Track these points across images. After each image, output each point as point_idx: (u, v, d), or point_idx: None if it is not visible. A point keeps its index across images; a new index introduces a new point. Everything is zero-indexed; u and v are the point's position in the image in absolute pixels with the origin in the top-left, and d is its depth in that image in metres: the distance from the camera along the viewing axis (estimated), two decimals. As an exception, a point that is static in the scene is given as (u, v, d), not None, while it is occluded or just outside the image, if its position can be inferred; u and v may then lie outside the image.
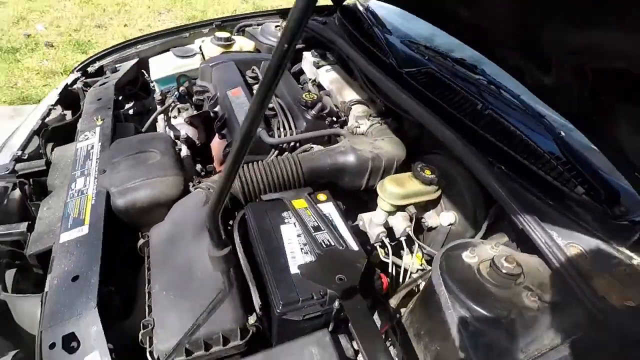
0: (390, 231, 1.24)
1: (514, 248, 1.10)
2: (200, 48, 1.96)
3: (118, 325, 0.94)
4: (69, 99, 1.73)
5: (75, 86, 1.78)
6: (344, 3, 2.12)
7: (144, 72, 1.94)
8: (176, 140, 1.54)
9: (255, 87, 1.58)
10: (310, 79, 1.81)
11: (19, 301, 0.96)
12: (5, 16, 4.73)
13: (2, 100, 3.49)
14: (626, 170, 0.84)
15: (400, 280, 1.18)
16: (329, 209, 1.07)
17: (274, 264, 0.90)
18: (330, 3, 2.17)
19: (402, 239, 1.21)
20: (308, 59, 1.83)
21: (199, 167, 1.59)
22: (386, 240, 1.16)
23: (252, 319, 0.87)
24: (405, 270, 1.19)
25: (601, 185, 0.97)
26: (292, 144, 1.32)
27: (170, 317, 0.83)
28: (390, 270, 1.17)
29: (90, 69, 1.92)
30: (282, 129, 1.35)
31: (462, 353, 0.80)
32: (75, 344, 0.82)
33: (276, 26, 2.02)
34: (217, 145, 1.54)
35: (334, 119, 1.47)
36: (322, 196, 1.11)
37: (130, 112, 1.90)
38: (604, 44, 0.61)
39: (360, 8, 2.00)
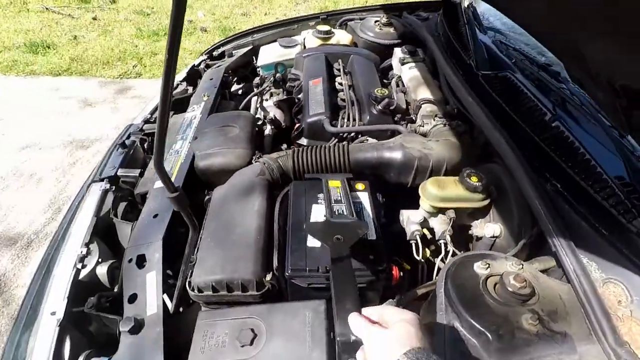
0: (433, 233, 1.25)
1: (557, 275, 1.01)
2: (303, 40, 2.16)
3: (180, 259, 1.20)
4: (193, 76, 2.11)
5: (200, 66, 2.16)
6: (452, -1, 2.07)
7: (254, 57, 2.23)
8: (264, 120, 1.77)
9: (338, 78, 1.70)
10: (396, 75, 1.84)
11: (122, 225, 1.29)
12: (177, 4, 5.73)
13: (161, 73, 4.31)
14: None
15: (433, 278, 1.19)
16: (363, 197, 1.15)
17: (295, 235, 1.03)
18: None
19: (441, 242, 1.21)
20: (397, 54, 1.86)
21: (284, 146, 1.79)
22: (419, 239, 1.18)
23: (269, 276, 1.02)
24: (438, 272, 1.20)
25: (665, 221, 0.83)
26: (352, 134, 1.41)
27: (206, 258, 1.03)
28: (419, 269, 1.19)
29: (215, 53, 2.29)
30: (347, 120, 1.45)
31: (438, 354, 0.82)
32: (144, 262, 1.10)
33: (375, 21, 2.08)
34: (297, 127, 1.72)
35: (403, 116, 1.50)
36: (360, 185, 1.18)
37: (240, 92, 2.22)
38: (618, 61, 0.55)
39: (465, 4, 1.93)
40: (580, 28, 0.66)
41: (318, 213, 1.09)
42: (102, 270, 1.17)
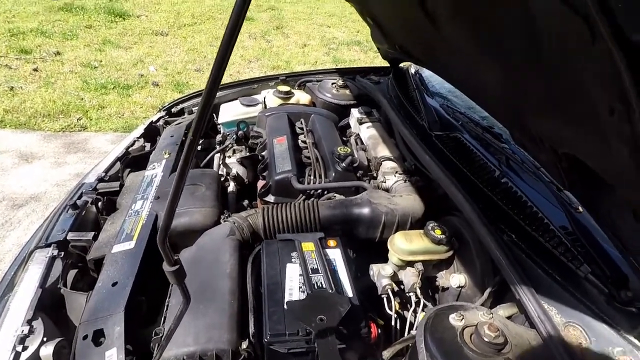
0: (401, 285, 1.28)
1: (521, 320, 1.07)
2: (264, 99, 2.24)
3: (142, 330, 1.11)
4: (151, 133, 2.07)
5: (158, 123, 2.14)
6: (400, 65, 2.28)
7: (214, 115, 2.26)
8: (227, 177, 1.76)
9: (301, 137, 1.77)
10: (354, 133, 1.95)
11: (72, 296, 1.18)
12: (129, 59, 5.71)
13: (109, 127, 4.18)
14: (623, 253, 0.82)
15: (406, 334, 1.20)
16: (335, 254, 1.16)
17: (272, 298, 1.01)
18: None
19: (411, 294, 1.24)
20: (354, 114, 1.99)
21: (245, 202, 1.78)
22: (391, 293, 1.20)
23: (244, 344, 0.97)
24: (411, 325, 1.21)
25: (608, 266, 0.94)
26: (318, 191, 1.45)
27: (176, 330, 0.96)
28: (393, 323, 1.20)
29: (174, 110, 2.28)
30: (312, 177, 1.49)
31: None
32: (102, 339, 1.00)
33: (332, 83, 2.23)
34: (260, 185, 1.73)
35: (365, 172, 1.58)
36: (332, 242, 1.20)
37: (199, 148, 2.21)
38: (559, 133, 0.65)
39: (412, 71, 2.14)
40: (525, 105, 0.77)
41: (293, 272, 1.08)
42: (47, 352, 1.04)
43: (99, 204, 1.51)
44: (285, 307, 0.97)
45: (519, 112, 0.79)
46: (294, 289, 1.03)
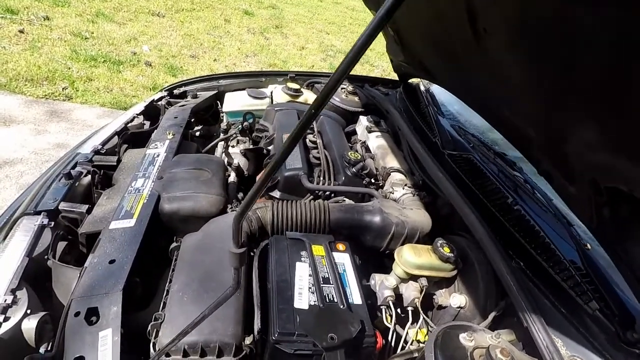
0: (400, 298, 1.27)
1: (519, 347, 1.08)
2: (271, 93, 2.20)
3: (134, 314, 1.05)
4: (152, 112, 1.99)
5: (159, 102, 2.06)
6: (409, 80, 2.31)
7: (219, 103, 2.20)
8: (228, 167, 1.71)
9: (310, 136, 1.74)
10: (360, 141, 1.95)
11: (62, 270, 1.10)
12: (122, 35, 5.52)
13: (96, 101, 4.01)
14: (640, 297, 0.84)
15: (399, 348, 1.19)
16: (344, 259, 1.14)
17: (281, 295, 0.97)
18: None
19: (410, 309, 1.23)
20: (362, 122, 1.98)
21: (240, 195, 1.74)
22: (392, 305, 1.19)
23: (248, 340, 0.93)
24: (406, 341, 1.20)
25: (616, 305, 0.96)
26: (327, 193, 1.42)
27: (178, 316, 0.91)
28: (390, 336, 1.19)
29: (176, 91, 2.21)
30: (322, 178, 1.47)
31: None
32: (95, 318, 0.93)
33: (342, 88, 2.22)
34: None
35: (372, 180, 1.57)
36: (341, 246, 1.18)
37: (197, 133, 2.15)
38: (614, 166, 0.67)
39: (422, 88, 2.16)
40: (577, 136, 0.77)
41: (303, 272, 1.05)
42: (30, 325, 0.96)
43: (95, 176, 1.42)
44: (298, 306, 0.94)
45: (563, 141, 0.80)
46: (303, 288, 1.00)
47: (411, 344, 1.19)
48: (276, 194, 1.46)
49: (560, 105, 0.77)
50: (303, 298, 0.97)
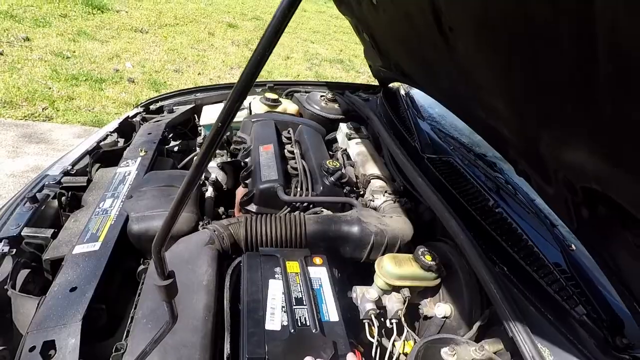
0: (384, 311, 1.22)
1: (506, 358, 1.03)
2: (249, 104, 2.16)
3: (98, 344, 0.98)
4: (126, 128, 1.94)
5: (134, 119, 2.01)
6: (389, 85, 2.28)
7: (196, 116, 2.15)
8: (206, 181, 1.66)
9: (287, 146, 1.70)
10: (341, 148, 1.91)
11: (22, 300, 1.03)
12: (104, 52, 5.47)
13: (77, 120, 3.94)
14: (627, 299, 0.80)
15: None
16: (321, 274, 1.09)
17: (252, 316, 0.92)
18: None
19: (394, 321, 1.18)
20: (342, 129, 1.95)
21: (221, 209, 1.68)
22: (374, 319, 1.13)
23: (218, 367, 0.87)
24: (391, 354, 1.15)
25: (604, 310, 0.92)
26: (304, 204, 1.38)
27: (141, 346, 0.85)
28: (373, 351, 1.13)
29: (152, 107, 2.16)
30: (299, 189, 1.42)
31: None
32: (53, 351, 0.87)
33: (321, 96, 2.19)
34: (240, 192, 1.64)
35: (353, 188, 1.53)
36: (318, 259, 1.13)
37: (175, 149, 2.09)
38: (584, 165, 0.63)
39: (402, 92, 2.14)
40: (549, 133, 0.74)
41: (276, 290, 1.00)
42: (-16, 361, 0.90)
43: (62, 199, 1.37)
44: (269, 327, 0.88)
45: (535, 140, 0.76)
46: (276, 308, 0.95)
47: (397, 358, 1.14)
48: (252, 207, 1.41)
49: (529, 103, 0.73)
50: (275, 318, 0.92)
